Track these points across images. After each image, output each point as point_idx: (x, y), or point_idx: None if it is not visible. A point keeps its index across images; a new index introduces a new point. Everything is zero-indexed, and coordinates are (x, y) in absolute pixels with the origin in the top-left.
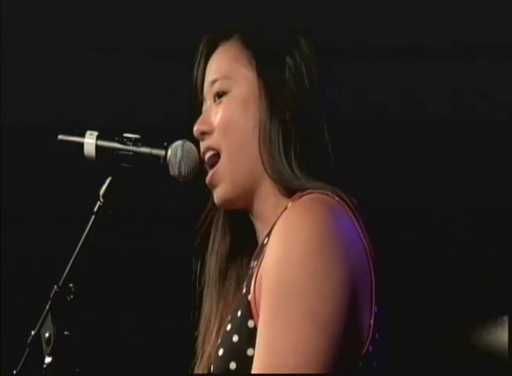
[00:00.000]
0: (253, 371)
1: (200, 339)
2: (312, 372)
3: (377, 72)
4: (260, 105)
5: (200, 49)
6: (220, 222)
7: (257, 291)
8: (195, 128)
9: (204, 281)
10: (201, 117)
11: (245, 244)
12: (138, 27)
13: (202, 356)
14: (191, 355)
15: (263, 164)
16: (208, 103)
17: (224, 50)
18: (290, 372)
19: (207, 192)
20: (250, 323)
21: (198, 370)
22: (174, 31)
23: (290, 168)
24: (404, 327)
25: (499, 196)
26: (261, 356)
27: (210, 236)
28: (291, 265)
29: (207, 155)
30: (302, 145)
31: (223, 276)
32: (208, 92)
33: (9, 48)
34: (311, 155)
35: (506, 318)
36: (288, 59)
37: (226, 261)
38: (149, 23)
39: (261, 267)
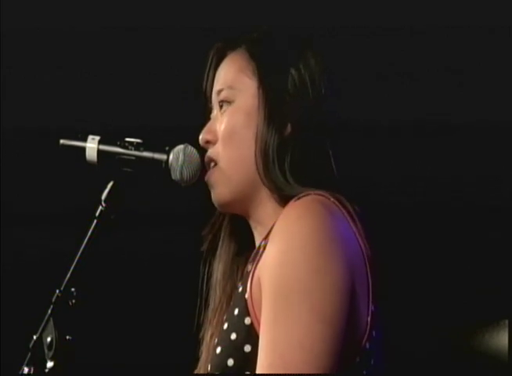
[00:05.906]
0: (259, 368)
1: (201, 341)
2: (319, 367)
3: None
4: (260, 115)
5: (210, 59)
6: (227, 229)
7: (254, 290)
8: (200, 137)
9: (210, 285)
10: (207, 126)
11: (245, 251)
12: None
13: (200, 358)
14: (193, 360)
15: (258, 173)
16: (215, 111)
17: (231, 60)
18: (298, 367)
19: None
20: (247, 320)
21: (197, 371)
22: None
23: (284, 176)
24: (404, 329)
25: (499, 199)
26: (266, 354)
27: (217, 241)
28: (293, 262)
29: (209, 167)
30: (299, 155)
31: (225, 281)
32: (215, 101)
33: (9, 49)
34: (308, 165)
35: (506, 321)
36: (292, 70)
37: (230, 267)
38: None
39: (258, 266)
